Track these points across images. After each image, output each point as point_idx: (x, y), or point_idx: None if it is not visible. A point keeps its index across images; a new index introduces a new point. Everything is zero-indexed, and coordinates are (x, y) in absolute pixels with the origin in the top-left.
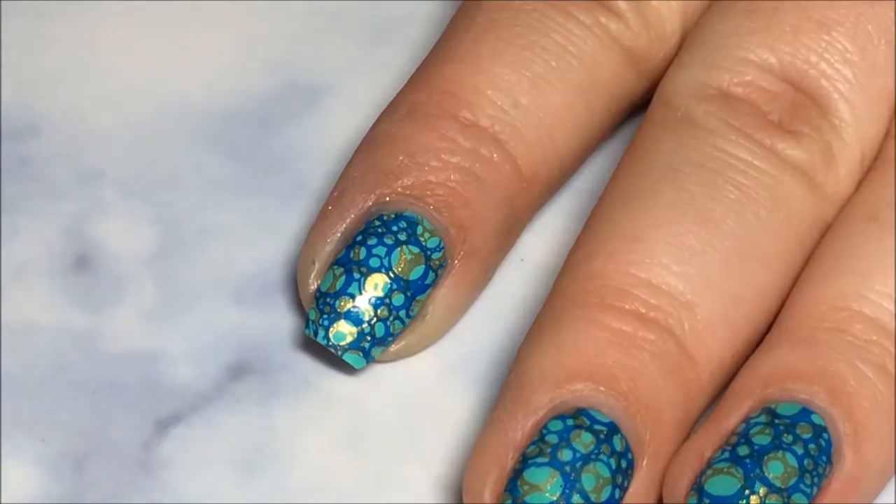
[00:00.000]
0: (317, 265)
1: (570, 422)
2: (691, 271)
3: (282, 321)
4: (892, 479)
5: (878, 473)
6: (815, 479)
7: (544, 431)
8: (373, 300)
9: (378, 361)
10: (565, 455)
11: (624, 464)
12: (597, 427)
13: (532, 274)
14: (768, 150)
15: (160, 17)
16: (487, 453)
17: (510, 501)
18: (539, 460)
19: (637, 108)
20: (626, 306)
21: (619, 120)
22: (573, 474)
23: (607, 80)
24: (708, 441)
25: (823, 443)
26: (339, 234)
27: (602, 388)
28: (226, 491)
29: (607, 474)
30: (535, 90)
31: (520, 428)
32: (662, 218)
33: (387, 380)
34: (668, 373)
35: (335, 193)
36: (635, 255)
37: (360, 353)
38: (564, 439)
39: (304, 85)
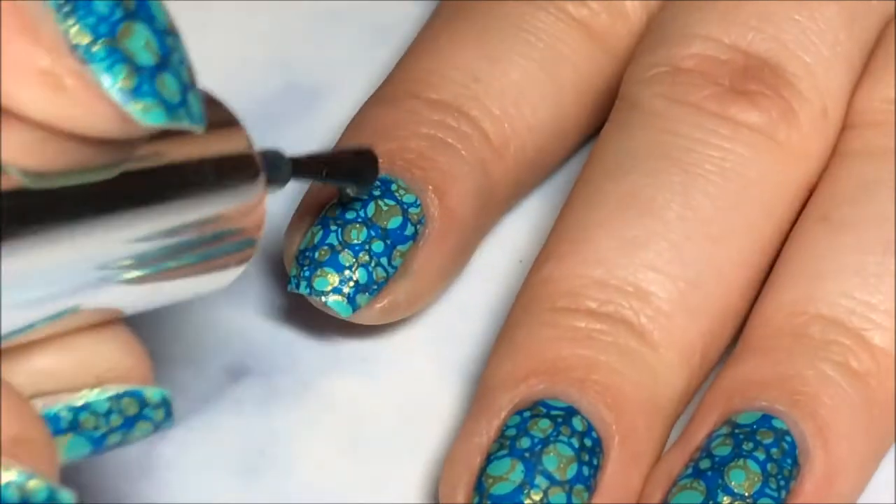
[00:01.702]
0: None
1: (527, 414)
2: (638, 262)
3: (282, 323)
4: (893, 480)
5: (855, 470)
6: (782, 483)
7: (504, 428)
8: (352, 246)
9: (372, 326)
10: (524, 443)
11: (588, 442)
12: (554, 413)
13: None
14: (720, 118)
15: None
16: (457, 462)
17: (478, 499)
18: (499, 454)
19: None
20: (577, 306)
21: (598, 104)
22: (533, 459)
23: (569, 55)
24: (677, 460)
25: (786, 445)
26: (315, 223)
27: (557, 378)
28: (225, 493)
29: (569, 453)
30: (494, 66)
31: (484, 432)
32: (606, 215)
33: (386, 381)
34: (628, 358)
35: (312, 187)
36: (580, 256)
37: (345, 299)
38: (522, 430)
39: (304, 85)
